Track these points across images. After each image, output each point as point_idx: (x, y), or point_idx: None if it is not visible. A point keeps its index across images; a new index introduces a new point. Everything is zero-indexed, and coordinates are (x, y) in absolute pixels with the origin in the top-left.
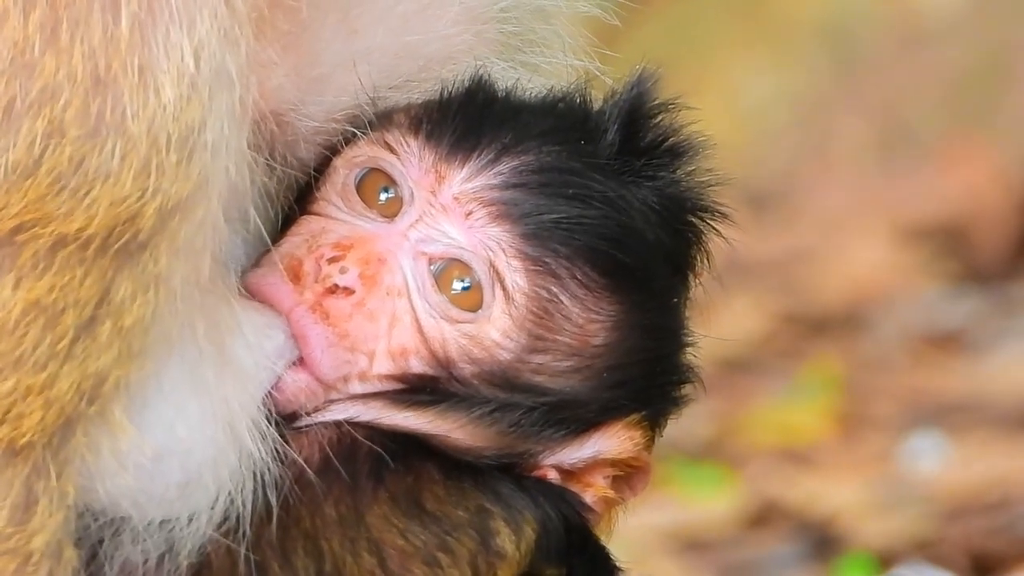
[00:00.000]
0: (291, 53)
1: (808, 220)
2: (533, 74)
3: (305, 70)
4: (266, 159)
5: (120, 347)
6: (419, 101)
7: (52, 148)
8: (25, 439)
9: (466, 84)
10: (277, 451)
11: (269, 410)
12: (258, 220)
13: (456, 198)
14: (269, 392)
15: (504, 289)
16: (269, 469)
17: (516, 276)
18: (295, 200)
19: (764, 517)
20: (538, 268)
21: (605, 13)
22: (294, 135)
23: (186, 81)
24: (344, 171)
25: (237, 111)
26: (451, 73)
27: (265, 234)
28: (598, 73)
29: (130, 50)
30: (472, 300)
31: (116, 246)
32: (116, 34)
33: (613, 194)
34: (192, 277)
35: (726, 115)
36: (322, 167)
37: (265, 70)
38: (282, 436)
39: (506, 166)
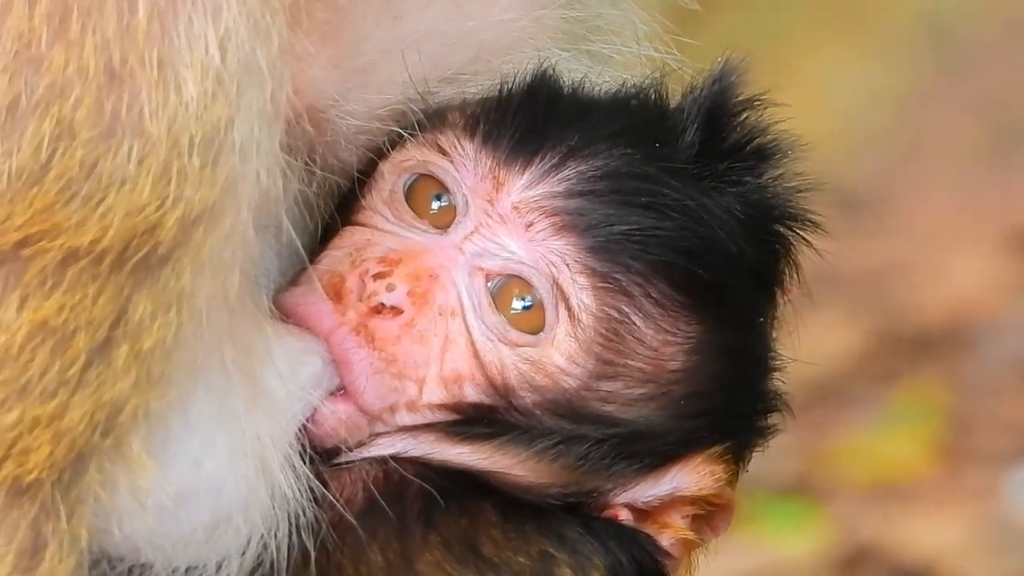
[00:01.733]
0: (329, 43)
1: (907, 228)
2: (601, 66)
3: (345, 61)
4: (303, 162)
5: (138, 373)
6: (475, 97)
7: (61, 151)
8: (32, 476)
9: (528, 79)
10: (314, 490)
11: (305, 445)
12: (293, 231)
13: (516, 207)
14: (305, 425)
15: (569, 309)
16: (305, 510)
17: (582, 294)
18: (336, 209)
19: (856, 559)
20: (607, 285)
21: None
22: (334, 135)
23: (211, 76)
24: (392, 177)
25: (268, 109)
26: (508, 64)
27: (301, 247)
28: (675, 66)
29: (148, 42)
30: (533, 321)
31: (133, 260)
32: (133, 24)
33: (692, 202)
34: (219, 295)
35: (816, 112)
36: (367, 172)
37: (300, 62)
38: (320, 474)
39: (572, 171)
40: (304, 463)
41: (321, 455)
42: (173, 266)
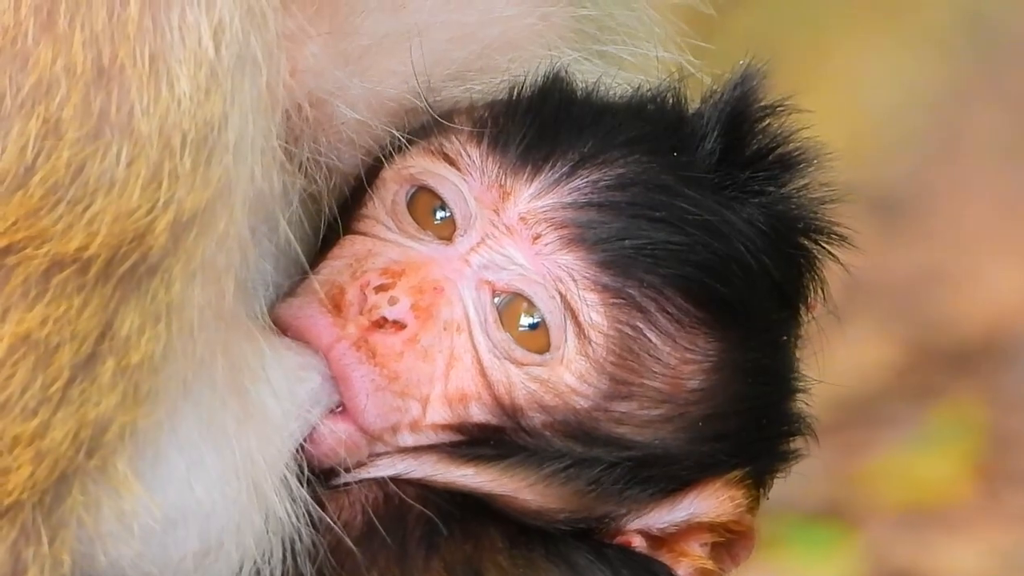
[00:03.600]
0: (325, 19)
1: (943, 234)
2: (614, 68)
3: (343, 41)
4: (302, 161)
5: (125, 389)
6: (483, 100)
7: (47, 153)
8: (12, 498)
9: (539, 81)
10: (311, 514)
11: (301, 466)
12: (291, 233)
13: (523, 218)
14: (302, 445)
15: (578, 326)
16: (301, 535)
17: (591, 311)
18: (338, 216)
19: None
20: (619, 301)
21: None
22: (334, 128)
23: (204, 70)
24: (394, 186)
25: (265, 100)
26: (515, 63)
27: (301, 254)
28: (695, 68)
29: (139, 36)
30: (540, 340)
31: (121, 270)
32: (123, 17)
33: (709, 216)
34: (211, 305)
35: (848, 111)
36: (369, 179)
37: (295, 44)
38: (317, 496)
39: (583, 180)
40: (301, 485)
41: (318, 476)
42: (163, 276)
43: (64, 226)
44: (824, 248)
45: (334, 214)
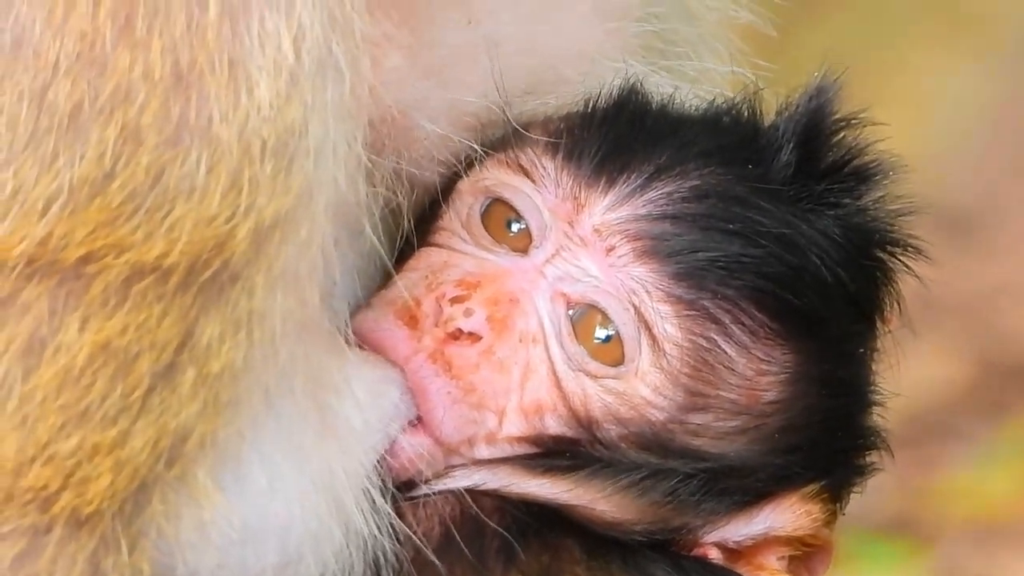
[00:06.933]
0: (405, 29)
1: (1014, 250)
2: (682, 82)
3: (423, 54)
4: (384, 173)
5: (205, 399)
6: (559, 113)
7: (126, 159)
8: (91, 507)
9: (614, 93)
10: (391, 526)
11: (382, 478)
12: (376, 241)
13: (596, 230)
14: (382, 457)
15: (653, 339)
16: (384, 549)
17: (666, 324)
18: (414, 228)
19: None
20: (693, 313)
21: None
22: (415, 141)
23: (284, 76)
24: (469, 198)
25: (348, 106)
26: (585, 76)
27: (389, 263)
28: (768, 81)
29: (218, 42)
30: (614, 353)
31: (202, 278)
32: (202, 23)
33: (784, 228)
34: (294, 313)
35: (919, 127)
36: (446, 190)
37: (379, 49)
38: (397, 508)
39: (657, 193)
40: (383, 497)
41: (397, 488)
42: (244, 284)
43: (144, 234)
44: (899, 261)
45: (411, 226)
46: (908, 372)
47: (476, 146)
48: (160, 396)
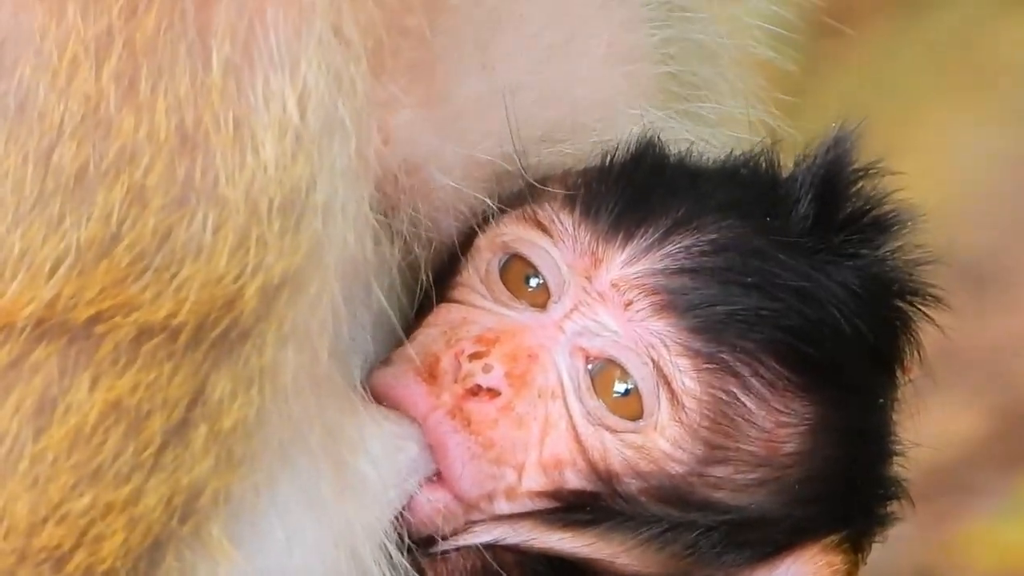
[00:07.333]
0: (418, 85)
1: None
2: (700, 127)
3: (436, 106)
4: (400, 230)
5: (218, 454)
6: (576, 167)
7: (132, 220)
8: (105, 565)
9: (631, 146)
10: None
11: (400, 534)
12: (384, 300)
13: (614, 285)
14: (400, 513)
15: (671, 393)
16: None
17: (684, 377)
18: (432, 284)
19: None
20: (712, 366)
21: (780, 56)
22: (430, 196)
23: (290, 135)
24: (488, 254)
25: (354, 165)
26: (603, 123)
27: (397, 323)
28: (782, 130)
29: (223, 102)
30: (633, 407)
31: (212, 335)
32: (207, 83)
33: (802, 281)
34: (306, 369)
35: (934, 178)
36: (464, 245)
37: (388, 111)
38: (417, 564)
39: (675, 247)
40: (401, 552)
41: (417, 544)
42: (255, 341)
43: (152, 294)
44: (919, 310)
45: (430, 281)
46: (928, 425)
47: (491, 202)
48: (173, 453)
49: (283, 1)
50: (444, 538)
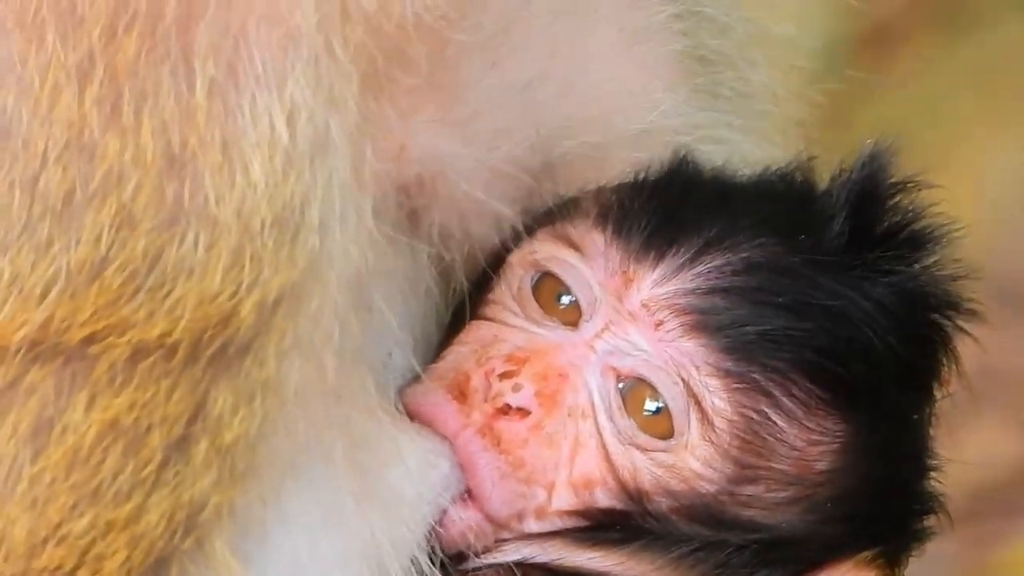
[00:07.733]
0: (426, 101)
1: None
2: (721, 103)
3: (449, 115)
4: (433, 233)
5: (220, 469)
6: (611, 184)
7: (121, 243)
8: None
9: (664, 164)
10: None
11: (435, 549)
12: (388, 311)
13: (645, 305)
14: (432, 529)
15: (702, 412)
16: None
17: (714, 397)
18: (468, 300)
19: None
20: (742, 386)
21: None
22: (452, 203)
23: (280, 154)
24: (520, 271)
25: (351, 181)
26: (620, 112)
27: (418, 332)
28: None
29: (210, 122)
30: (663, 426)
31: (209, 352)
32: (192, 104)
33: (833, 300)
34: (313, 381)
35: (971, 199)
36: (497, 262)
37: (402, 121)
38: None
39: (707, 266)
40: (435, 568)
41: (448, 561)
42: (255, 355)
43: (146, 313)
44: (956, 324)
45: (467, 295)
46: (970, 445)
47: (522, 220)
48: (174, 469)
49: (268, 20)
50: (474, 556)
